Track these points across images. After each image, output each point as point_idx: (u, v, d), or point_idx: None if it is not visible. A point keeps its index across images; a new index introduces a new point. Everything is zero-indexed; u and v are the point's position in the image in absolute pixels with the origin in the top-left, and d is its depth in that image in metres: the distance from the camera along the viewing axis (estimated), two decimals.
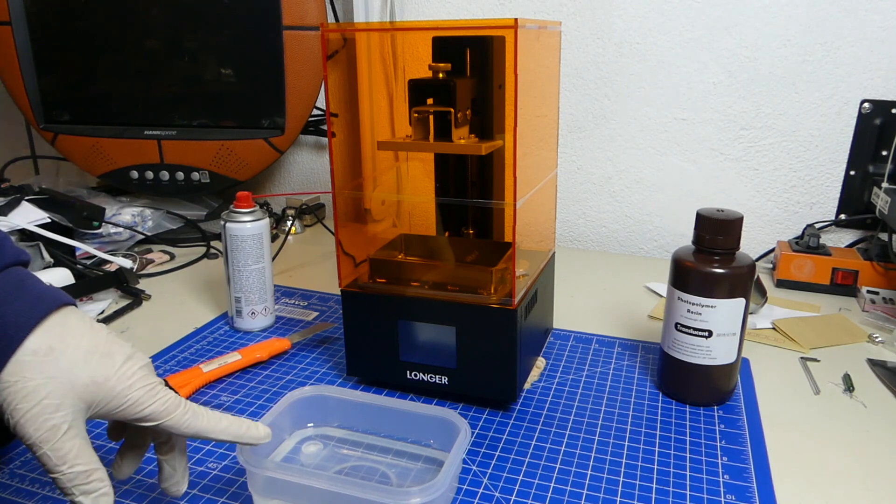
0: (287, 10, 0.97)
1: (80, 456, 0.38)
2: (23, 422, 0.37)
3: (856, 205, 0.95)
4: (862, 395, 0.63)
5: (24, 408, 0.37)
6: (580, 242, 1.10)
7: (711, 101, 0.97)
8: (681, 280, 0.58)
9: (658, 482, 0.50)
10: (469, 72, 0.60)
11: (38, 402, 0.37)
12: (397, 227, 0.69)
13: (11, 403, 0.37)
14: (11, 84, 1.07)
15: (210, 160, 1.05)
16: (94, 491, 0.38)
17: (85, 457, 0.38)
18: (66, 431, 0.37)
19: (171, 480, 0.45)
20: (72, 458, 0.37)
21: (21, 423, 0.37)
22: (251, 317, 0.74)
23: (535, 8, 1.03)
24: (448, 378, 0.59)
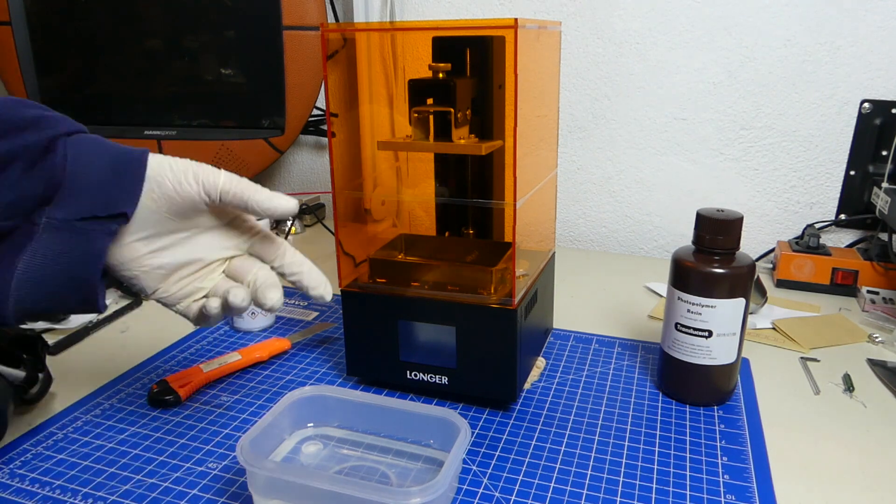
0: (287, 10, 0.97)
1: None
2: (195, 168, 0.44)
3: (856, 205, 0.95)
4: (862, 395, 0.63)
5: (186, 160, 0.45)
6: (580, 242, 1.10)
7: (711, 101, 0.97)
8: (681, 280, 0.58)
9: (658, 482, 0.50)
10: (469, 72, 0.60)
11: (191, 160, 0.45)
12: (397, 227, 0.69)
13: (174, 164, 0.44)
14: (11, 84, 1.07)
15: (210, 160, 1.04)
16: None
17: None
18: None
19: (312, 288, 0.48)
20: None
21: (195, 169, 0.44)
22: (251, 317, 0.74)
23: (535, 8, 1.03)
24: (448, 378, 0.59)
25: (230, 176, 0.45)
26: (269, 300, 0.46)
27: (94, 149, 0.44)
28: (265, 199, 0.45)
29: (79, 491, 0.49)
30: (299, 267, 0.48)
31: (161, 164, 0.44)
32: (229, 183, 0.45)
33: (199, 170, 0.44)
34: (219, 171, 0.45)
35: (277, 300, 0.47)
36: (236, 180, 0.45)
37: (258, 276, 0.48)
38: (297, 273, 0.48)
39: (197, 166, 0.45)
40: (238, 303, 0.45)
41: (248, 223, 0.49)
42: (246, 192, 0.45)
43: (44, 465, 0.52)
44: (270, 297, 0.46)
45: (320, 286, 0.48)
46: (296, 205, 0.46)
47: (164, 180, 0.44)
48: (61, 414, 0.58)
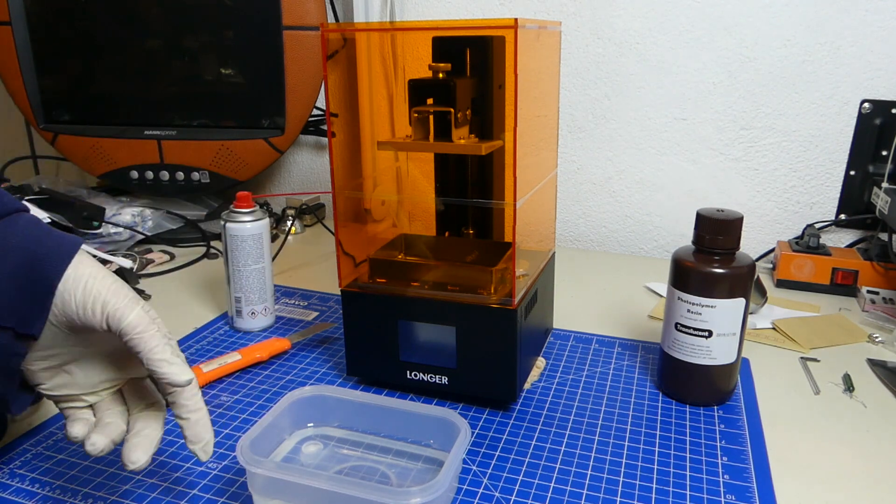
0: (287, 10, 0.97)
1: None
2: (107, 296, 0.41)
3: (856, 205, 0.95)
4: (862, 395, 0.63)
5: (108, 282, 0.41)
6: (580, 242, 1.10)
7: (711, 101, 0.97)
8: (681, 280, 0.58)
9: (658, 482, 0.50)
10: (469, 72, 0.60)
11: (114, 280, 0.42)
12: (397, 227, 0.69)
13: (90, 282, 0.41)
14: (11, 84, 1.07)
15: (210, 160, 1.05)
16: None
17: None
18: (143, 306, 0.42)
19: (190, 441, 0.43)
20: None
21: (106, 297, 0.41)
22: (251, 317, 0.74)
23: (535, 8, 1.03)
24: (448, 378, 0.59)
25: (139, 319, 0.41)
26: (131, 463, 0.42)
27: (14, 242, 0.41)
28: (160, 360, 0.41)
29: (79, 491, 0.49)
30: (189, 413, 0.42)
31: (76, 283, 0.41)
32: (132, 328, 0.40)
33: (110, 300, 0.40)
34: (131, 308, 0.41)
35: (138, 464, 0.42)
36: (142, 328, 0.41)
37: (138, 422, 0.44)
38: (183, 419, 0.43)
39: (110, 296, 0.41)
40: (94, 452, 0.42)
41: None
42: (145, 345, 0.40)
43: (44, 465, 0.52)
44: (133, 459, 0.42)
45: (199, 442, 0.43)
46: (188, 380, 0.41)
47: (70, 300, 0.40)
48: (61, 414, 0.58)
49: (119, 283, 0.42)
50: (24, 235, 0.41)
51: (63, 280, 0.40)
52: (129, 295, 0.41)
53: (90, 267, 0.42)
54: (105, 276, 0.42)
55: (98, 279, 0.41)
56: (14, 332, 0.40)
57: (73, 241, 0.43)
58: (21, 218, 0.43)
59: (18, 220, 0.42)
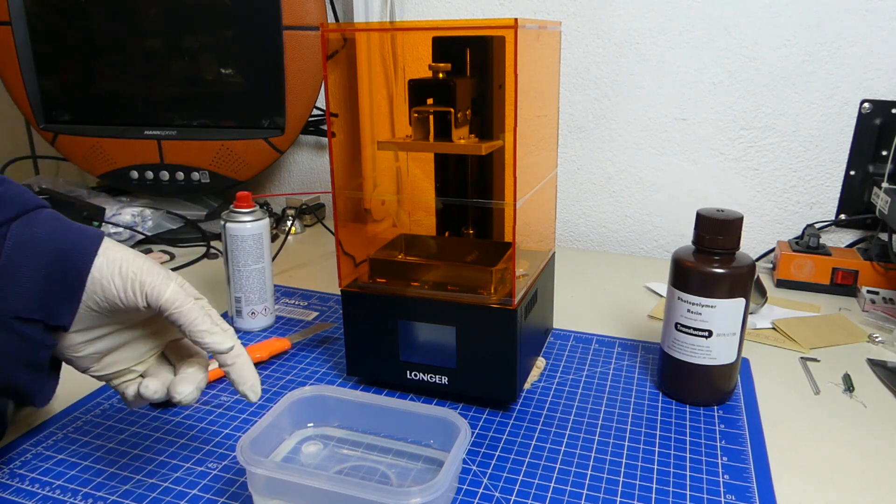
0: (287, 10, 0.97)
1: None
2: (142, 276, 0.42)
3: (856, 205, 0.95)
4: (862, 395, 0.63)
5: (139, 262, 0.43)
6: (580, 242, 1.10)
7: (711, 101, 0.97)
8: (681, 280, 0.58)
9: (658, 482, 0.50)
10: (469, 72, 0.60)
11: (144, 260, 0.43)
12: (397, 227, 0.69)
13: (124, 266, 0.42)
14: (11, 84, 1.07)
15: (210, 160, 1.05)
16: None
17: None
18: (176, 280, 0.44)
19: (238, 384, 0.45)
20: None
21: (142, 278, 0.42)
22: (251, 317, 0.74)
23: (535, 8, 1.03)
24: (448, 378, 0.59)
25: (176, 294, 0.43)
26: (178, 394, 0.44)
27: (42, 236, 0.42)
28: (202, 331, 0.43)
29: (79, 491, 0.49)
30: (233, 358, 0.45)
31: (110, 268, 0.42)
32: (171, 303, 0.42)
33: (146, 280, 0.42)
34: (167, 284, 0.43)
35: (186, 395, 0.44)
36: (180, 301, 0.43)
37: (182, 366, 0.47)
38: (228, 365, 0.45)
39: (145, 276, 0.42)
40: (149, 395, 0.45)
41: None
42: (185, 318, 0.43)
43: (44, 465, 0.52)
44: (180, 390, 0.44)
45: (247, 384, 0.45)
46: (230, 347, 0.44)
47: (109, 286, 0.42)
48: (61, 414, 0.58)
49: (150, 262, 0.44)
50: (49, 230, 0.42)
51: (97, 268, 0.42)
52: (162, 272, 0.43)
53: (120, 251, 0.43)
54: (135, 256, 0.43)
55: (130, 261, 0.43)
56: (43, 325, 0.41)
57: (97, 233, 0.44)
58: (42, 213, 0.43)
59: (40, 216, 0.43)
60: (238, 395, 0.61)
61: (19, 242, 0.41)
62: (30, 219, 0.42)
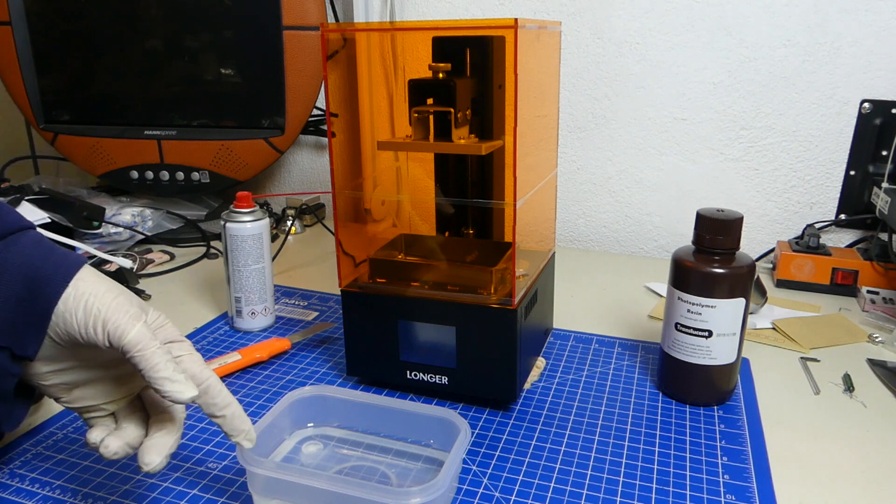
0: (287, 10, 0.97)
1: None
2: (106, 314, 0.40)
3: (856, 205, 0.95)
4: (862, 395, 0.63)
5: (108, 298, 0.40)
6: (580, 242, 1.10)
7: (711, 101, 0.97)
8: (681, 280, 0.58)
9: (658, 482, 0.50)
10: (469, 72, 0.60)
11: (116, 295, 0.41)
12: (397, 227, 0.69)
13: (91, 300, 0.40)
14: (11, 84, 1.07)
15: (210, 160, 1.05)
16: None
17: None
18: (146, 321, 0.41)
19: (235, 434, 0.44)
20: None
21: (106, 315, 0.40)
22: (251, 317, 0.74)
23: (535, 8, 1.03)
24: (448, 378, 0.59)
25: (140, 336, 0.40)
26: (144, 465, 0.41)
27: (16, 263, 0.41)
28: (161, 378, 0.39)
29: (79, 491, 0.49)
30: (221, 410, 0.43)
31: (76, 302, 0.40)
32: (133, 345, 0.39)
33: (110, 318, 0.40)
34: (131, 325, 0.40)
35: (153, 467, 0.41)
36: (142, 345, 0.40)
37: (155, 426, 0.44)
38: (218, 417, 0.43)
39: (110, 313, 0.40)
40: (108, 455, 0.42)
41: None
42: (146, 363, 0.39)
43: (44, 465, 0.52)
44: (146, 461, 0.41)
45: (240, 435, 0.43)
46: (190, 398, 0.40)
47: (71, 320, 0.40)
48: (61, 414, 0.58)
49: (121, 298, 0.41)
50: (26, 255, 0.41)
51: (63, 300, 0.40)
52: (129, 311, 0.40)
53: (92, 284, 0.41)
54: (106, 291, 0.41)
55: (98, 296, 0.40)
56: (10, 353, 0.40)
57: (75, 260, 0.42)
58: (24, 237, 0.42)
59: (21, 239, 0.42)
60: (238, 394, 0.61)
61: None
62: (8, 243, 0.41)
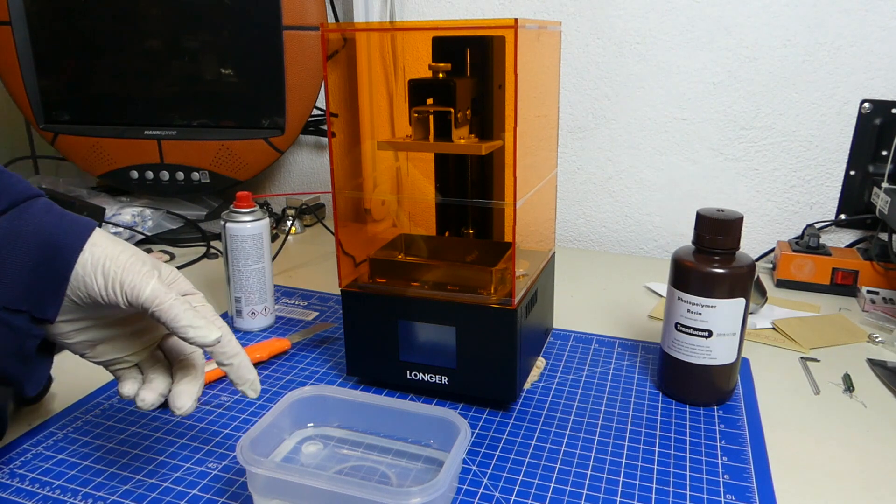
0: (287, 10, 0.97)
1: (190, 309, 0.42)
2: (123, 275, 0.41)
3: (856, 205, 0.95)
4: (862, 395, 0.63)
5: (122, 259, 0.42)
6: (580, 242, 1.10)
7: (711, 101, 0.97)
8: (681, 280, 0.58)
9: (658, 482, 0.50)
10: (469, 72, 0.60)
11: (130, 256, 0.43)
12: (397, 227, 0.69)
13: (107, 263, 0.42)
14: (11, 84, 1.07)
15: (210, 160, 1.05)
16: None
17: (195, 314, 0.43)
18: (160, 276, 0.43)
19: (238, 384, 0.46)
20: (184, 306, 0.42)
21: (122, 276, 0.41)
22: (251, 317, 0.74)
23: (535, 8, 1.03)
24: (448, 378, 0.59)
25: (156, 292, 0.42)
26: (177, 409, 0.45)
27: (30, 229, 0.42)
28: (184, 326, 0.42)
29: (79, 491, 0.49)
30: (230, 359, 0.45)
31: (94, 266, 0.42)
32: (151, 301, 0.42)
33: (125, 279, 0.42)
34: (146, 283, 0.42)
35: (185, 410, 0.45)
36: (160, 299, 0.42)
37: (179, 372, 0.47)
38: (226, 365, 0.45)
39: (125, 274, 0.42)
40: (145, 408, 0.46)
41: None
42: (167, 315, 0.42)
43: (44, 465, 0.52)
44: (178, 405, 0.45)
45: (246, 382, 0.46)
46: (216, 339, 0.43)
47: (92, 284, 0.42)
48: (61, 414, 0.58)
49: (135, 258, 0.43)
50: (39, 221, 0.42)
51: (81, 264, 0.42)
52: (142, 270, 0.42)
53: (106, 247, 0.43)
54: (120, 252, 0.43)
55: (113, 259, 0.42)
56: (30, 316, 0.42)
57: (87, 225, 0.43)
58: (34, 204, 0.44)
59: (33, 206, 0.43)
60: (238, 394, 0.61)
61: (7, 234, 0.41)
62: (20, 210, 0.43)
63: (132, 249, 0.44)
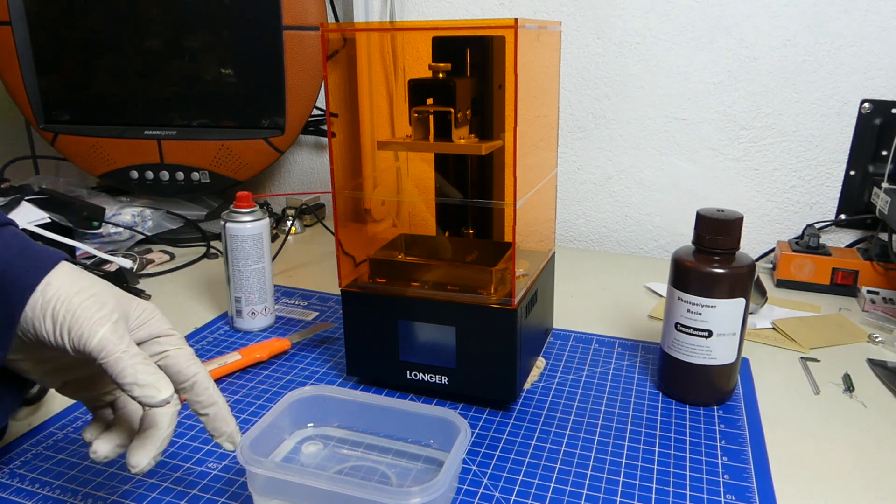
0: (287, 10, 0.97)
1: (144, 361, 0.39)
2: (71, 320, 0.38)
3: (856, 205, 0.95)
4: (862, 395, 0.63)
5: (75, 303, 0.38)
6: (580, 242, 1.10)
7: (711, 101, 0.97)
8: (681, 280, 0.58)
9: (658, 482, 0.50)
10: (469, 72, 0.60)
11: (87, 297, 0.39)
12: (397, 227, 0.69)
13: (58, 306, 0.38)
14: (11, 84, 1.07)
15: (210, 160, 1.05)
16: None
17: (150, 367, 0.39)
18: (117, 322, 0.39)
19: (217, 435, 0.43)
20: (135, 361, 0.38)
21: (71, 321, 0.38)
22: (251, 317, 0.74)
23: (535, 8, 1.03)
24: (448, 378, 0.59)
25: (104, 342, 0.38)
26: (131, 467, 0.40)
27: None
28: (129, 384, 0.38)
29: (79, 491, 0.49)
30: (205, 408, 0.41)
31: (44, 308, 0.38)
32: (98, 352, 0.38)
33: (73, 325, 0.38)
34: (95, 331, 0.38)
35: (140, 467, 0.40)
36: (107, 351, 0.38)
37: (147, 418, 0.41)
38: (201, 415, 0.42)
39: (74, 320, 0.38)
40: (96, 459, 0.42)
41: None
42: (112, 369, 0.38)
43: (44, 465, 0.52)
44: (133, 462, 0.40)
45: (223, 435, 0.42)
46: (162, 400, 0.38)
47: (40, 327, 0.38)
48: (61, 414, 0.58)
49: (92, 300, 0.39)
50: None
51: (31, 306, 0.39)
52: (95, 315, 0.38)
53: (61, 287, 0.39)
54: (77, 293, 0.39)
55: (66, 301, 0.38)
56: None
57: (48, 259, 0.40)
58: (1, 234, 0.41)
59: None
60: (238, 394, 0.61)
61: None
62: None
63: (93, 289, 0.40)
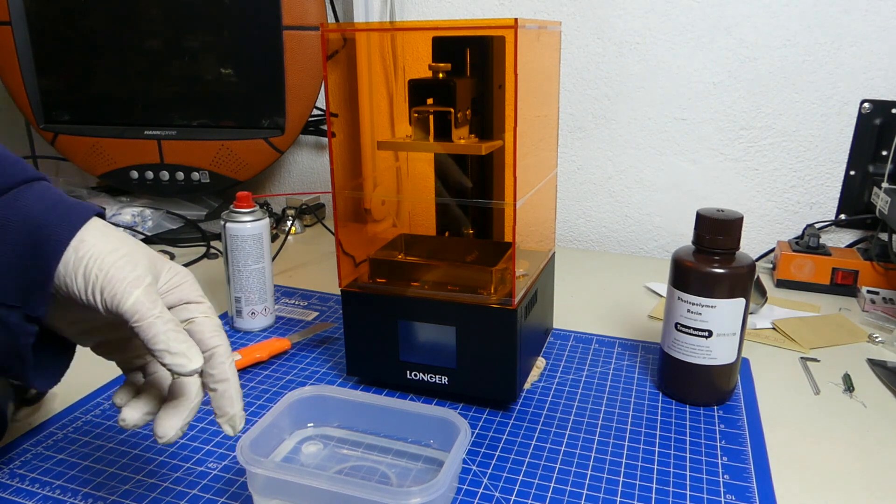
0: (287, 10, 0.97)
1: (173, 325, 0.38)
2: (104, 280, 0.37)
3: (856, 205, 0.95)
4: (862, 395, 0.63)
5: (108, 262, 0.38)
6: (580, 242, 1.10)
7: (711, 101, 0.97)
8: (681, 280, 0.58)
9: (658, 482, 0.50)
10: (469, 72, 0.60)
11: (120, 257, 0.38)
12: (397, 227, 0.69)
13: (90, 264, 0.38)
14: (11, 84, 1.07)
15: (210, 160, 1.05)
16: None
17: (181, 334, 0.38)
18: (150, 284, 0.38)
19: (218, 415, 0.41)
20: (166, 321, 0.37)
21: (104, 281, 0.37)
22: (251, 317, 0.74)
23: (535, 8, 1.03)
24: (448, 378, 0.59)
25: (138, 305, 0.37)
26: (158, 437, 0.39)
27: (19, 219, 0.38)
28: (160, 350, 0.37)
29: (79, 491, 0.49)
30: (215, 383, 0.40)
31: (76, 266, 0.38)
32: (131, 315, 0.37)
33: (107, 286, 0.37)
34: (129, 293, 0.37)
35: (165, 439, 0.39)
36: (140, 315, 0.37)
37: (175, 386, 0.41)
38: (211, 389, 0.41)
39: (107, 280, 0.37)
40: (126, 427, 0.41)
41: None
42: (144, 334, 0.37)
43: (44, 465, 0.52)
44: (160, 433, 0.39)
45: (225, 416, 0.40)
46: (192, 370, 0.37)
47: (72, 284, 0.38)
48: (61, 414, 0.58)
49: (125, 259, 0.38)
50: (31, 209, 0.39)
51: (63, 263, 0.38)
52: (128, 276, 0.38)
53: (94, 244, 0.38)
54: (109, 252, 0.38)
55: (99, 259, 0.38)
56: (23, 313, 0.38)
57: (80, 214, 0.39)
58: (29, 190, 0.40)
59: (26, 193, 0.40)
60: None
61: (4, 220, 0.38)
62: (13, 196, 0.39)
63: (126, 248, 0.39)
